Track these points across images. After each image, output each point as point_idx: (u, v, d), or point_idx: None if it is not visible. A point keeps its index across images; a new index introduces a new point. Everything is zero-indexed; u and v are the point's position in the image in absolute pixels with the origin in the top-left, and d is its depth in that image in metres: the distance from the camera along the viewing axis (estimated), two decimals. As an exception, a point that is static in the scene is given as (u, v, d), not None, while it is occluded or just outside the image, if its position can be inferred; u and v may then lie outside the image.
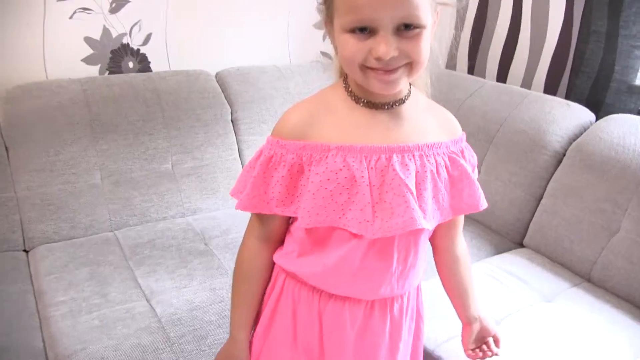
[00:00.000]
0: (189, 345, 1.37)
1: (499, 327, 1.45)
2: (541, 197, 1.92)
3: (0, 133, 1.78)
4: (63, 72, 2.03)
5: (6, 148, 1.78)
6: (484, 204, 0.93)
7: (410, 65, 0.77)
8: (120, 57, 2.16)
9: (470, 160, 0.92)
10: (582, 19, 2.13)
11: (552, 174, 1.90)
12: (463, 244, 1.05)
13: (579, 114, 1.96)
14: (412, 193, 0.81)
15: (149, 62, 2.23)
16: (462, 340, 1.09)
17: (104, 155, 1.89)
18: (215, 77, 2.23)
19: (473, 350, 1.09)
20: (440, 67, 0.95)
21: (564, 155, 1.89)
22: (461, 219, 1.01)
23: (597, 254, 1.69)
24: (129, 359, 1.31)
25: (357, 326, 0.94)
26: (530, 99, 2.08)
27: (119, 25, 2.12)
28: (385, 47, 0.73)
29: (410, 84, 0.87)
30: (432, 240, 1.01)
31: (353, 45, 0.75)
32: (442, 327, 1.42)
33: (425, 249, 0.96)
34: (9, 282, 1.57)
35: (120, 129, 1.92)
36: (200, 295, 1.54)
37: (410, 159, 0.82)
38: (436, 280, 1.09)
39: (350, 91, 0.85)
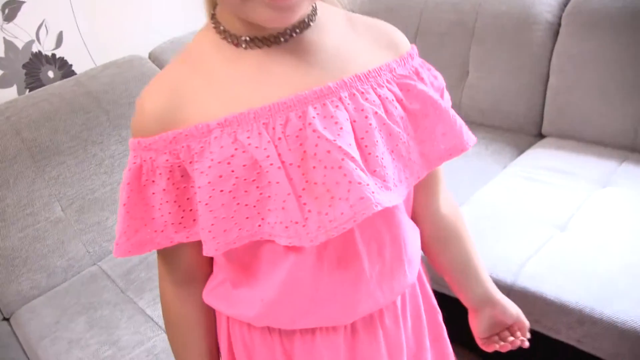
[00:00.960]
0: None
1: (565, 234, 1.28)
2: (548, 77, 1.73)
3: None
4: None
5: (-60, 212, 1.50)
6: (470, 140, 0.65)
7: None
8: (35, 69, 1.86)
9: (433, 83, 0.64)
10: None
11: (552, 49, 1.71)
12: (449, 202, 0.76)
13: (560, -26, 1.75)
14: (352, 158, 0.55)
15: (71, 65, 1.94)
16: (473, 329, 0.82)
17: (56, 183, 1.62)
18: (150, 57, 1.99)
19: (488, 338, 0.81)
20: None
21: (559, 24, 1.70)
22: (440, 174, 0.73)
23: (636, 119, 1.52)
24: (171, 409, 1.08)
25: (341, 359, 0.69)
26: (500, -24, 1.86)
27: (21, 33, 1.81)
28: None
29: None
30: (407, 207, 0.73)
31: None
32: (509, 252, 1.24)
33: (409, 222, 0.70)
34: (-2, 363, 1.34)
35: (64, 148, 1.64)
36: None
37: (337, 105, 0.56)
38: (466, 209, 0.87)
39: (223, 30, 0.59)
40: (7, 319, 1.53)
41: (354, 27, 0.63)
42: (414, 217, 0.73)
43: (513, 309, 0.79)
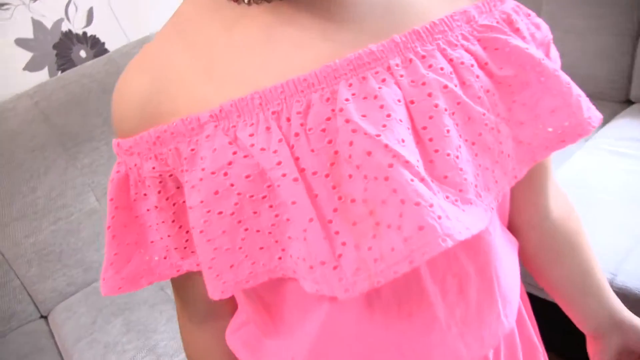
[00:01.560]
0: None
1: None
2: (637, 34, 1.52)
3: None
4: (6, 90, 1.65)
5: (-31, 206, 1.44)
6: (594, 117, 0.44)
7: None
8: (67, 49, 1.76)
9: (534, 36, 0.44)
10: None
11: None
12: (562, 200, 0.57)
13: None
14: (405, 163, 0.36)
15: (103, 43, 1.83)
16: (590, 357, 0.63)
17: (89, 171, 1.53)
18: None
19: None
20: None
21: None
22: (549, 167, 0.53)
23: None
24: None
25: None
26: None
27: (49, 11, 1.71)
28: None
29: None
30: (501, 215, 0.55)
31: None
32: (604, 244, 1.05)
33: (504, 241, 0.51)
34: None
35: (97, 132, 1.55)
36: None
37: (384, 79, 0.38)
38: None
39: None
40: (44, 317, 1.48)
41: None
42: (512, 227, 0.55)
43: None
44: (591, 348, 0.62)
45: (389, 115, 0.37)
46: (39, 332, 1.40)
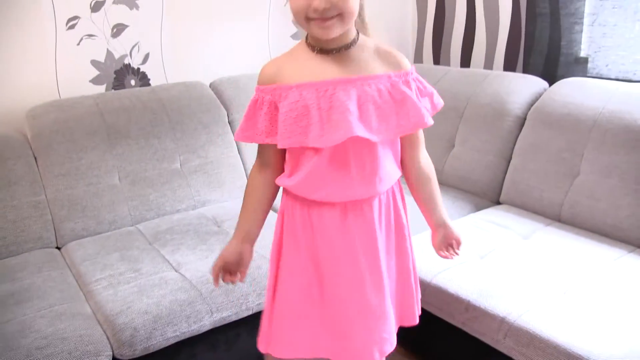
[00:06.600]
0: (219, 298, 1.58)
1: (483, 261, 1.68)
2: (510, 158, 2.15)
3: (29, 145, 2.00)
4: (73, 92, 2.23)
5: (35, 158, 1.98)
6: (429, 121, 1.05)
7: (342, 16, 0.98)
8: (122, 76, 2.37)
9: (419, 87, 1.08)
10: (527, 3, 2.42)
11: (517, 137, 2.13)
12: (426, 159, 1.20)
13: (534, 83, 2.21)
14: (350, 112, 0.98)
15: (149, 79, 2.43)
16: (432, 243, 1.28)
17: (120, 158, 2.08)
18: (210, 86, 2.45)
19: (442, 251, 1.27)
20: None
21: (525, 119, 2.14)
22: (420, 139, 1.17)
23: (563, 196, 1.92)
24: (169, 311, 1.50)
25: (337, 225, 1.12)
26: (491, 77, 2.34)
27: (120, 47, 2.33)
28: (319, 1, 0.96)
29: (358, 33, 1.07)
30: (401, 159, 1.18)
31: (298, 2, 0.99)
32: (436, 262, 1.64)
33: (389, 161, 1.12)
34: (49, 269, 1.76)
35: (133, 134, 2.11)
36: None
37: (353, 88, 1.01)
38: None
39: (308, 43, 1.08)
40: (58, 248, 1.95)
41: (377, 51, 1.07)
42: (404, 165, 1.19)
43: (457, 230, 1.27)
44: (432, 239, 1.28)
45: (351, 97, 1.02)
46: (53, 254, 1.87)
